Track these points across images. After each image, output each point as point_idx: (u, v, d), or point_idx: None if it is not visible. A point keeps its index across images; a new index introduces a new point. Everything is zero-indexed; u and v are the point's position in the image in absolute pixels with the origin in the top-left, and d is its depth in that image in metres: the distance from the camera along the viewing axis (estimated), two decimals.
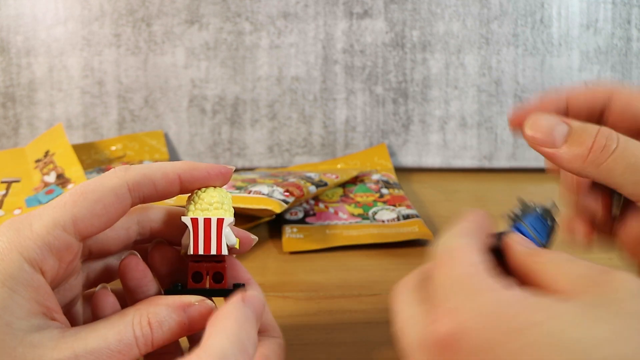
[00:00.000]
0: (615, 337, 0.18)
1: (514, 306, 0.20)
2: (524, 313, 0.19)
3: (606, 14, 0.68)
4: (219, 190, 0.29)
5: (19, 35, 0.67)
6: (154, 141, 0.67)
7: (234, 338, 0.22)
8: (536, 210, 0.29)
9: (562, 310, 0.19)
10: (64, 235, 0.22)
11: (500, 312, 0.19)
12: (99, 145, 0.67)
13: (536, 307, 0.19)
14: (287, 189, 0.48)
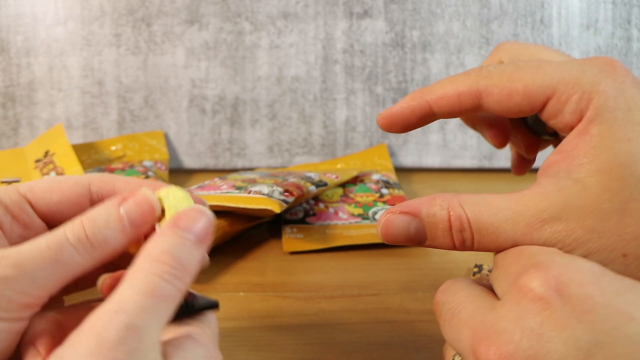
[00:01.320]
0: None
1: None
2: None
3: (606, 14, 0.68)
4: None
5: (18, 35, 0.67)
6: (153, 141, 0.67)
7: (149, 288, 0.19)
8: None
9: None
10: (14, 194, 0.24)
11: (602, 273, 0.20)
12: (99, 145, 0.67)
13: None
14: (287, 189, 0.48)
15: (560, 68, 0.24)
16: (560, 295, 0.19)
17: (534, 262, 0.20)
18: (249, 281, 0.42)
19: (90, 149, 0.66)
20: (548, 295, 0.19)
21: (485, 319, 0.20)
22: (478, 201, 0.24)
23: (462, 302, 0.22)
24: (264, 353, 0.33)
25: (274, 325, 0.36)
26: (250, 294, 0.40)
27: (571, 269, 0.19)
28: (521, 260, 0.21)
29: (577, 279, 0.19)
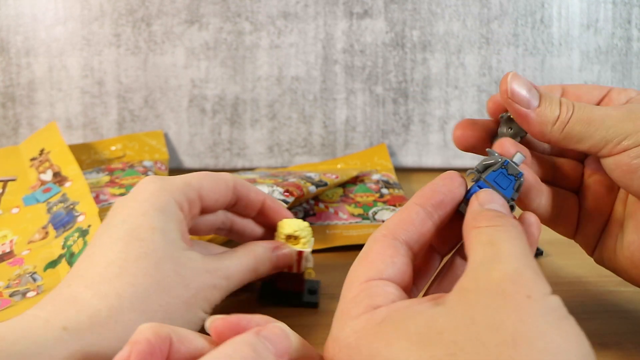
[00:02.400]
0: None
1: (365, 335, 0.22)
2: (365, 345, 0.21)
3: (606, 14, 0.68)
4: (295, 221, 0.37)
5: (18, 35, 0.67)
6: (153, 141, 0.67)
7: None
8: (500, 165, 0.28)
9: (399, 335, 0.21)
10: (193, 192, 0.30)
11: (354, 345, 0.22)
12: (99, 145, 0.67)
13: (377, 337, 0.21)
14: (287, 189, 0.48)
15: None
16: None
17: (329, 335, 0.25)
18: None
19: (89, 149, 0.66)
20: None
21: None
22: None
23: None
24: None
25: None
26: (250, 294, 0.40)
27: (336, 349, 0.23)
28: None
29: (339, 359, 0.23)
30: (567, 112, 0.28)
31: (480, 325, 0.19)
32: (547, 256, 0.46)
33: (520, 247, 0.22)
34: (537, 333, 0.18)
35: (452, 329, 0.20)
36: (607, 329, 0.35)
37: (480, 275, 0.21)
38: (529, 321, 0.19)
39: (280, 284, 0.38)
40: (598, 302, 0.38)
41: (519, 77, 0.29)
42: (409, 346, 0.20)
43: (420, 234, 0.26)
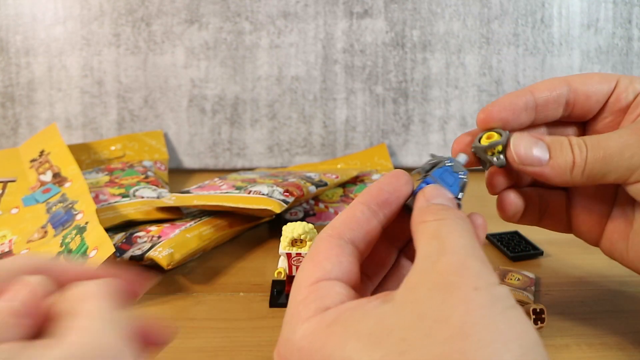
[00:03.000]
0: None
1: (315, 338, 0.21)
2: (316, 347, 0.21)
3: (607, 14, 0.68)
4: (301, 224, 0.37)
5: (18, 34, 0.67)
6: (153, 141, 0.67)
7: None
8: (445, 163, 0.28)
9: (348, 335, 0.20)
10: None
11: (307, 347, 0.21)
12: (99, 145, 0.67)
13: (324, 337, 0.21)
14: (287, 189, 0.48)
15: None
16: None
17: (280, 338, 0.24)
18: (249, 281, 0.42)
19: (89, 149, 0.66)
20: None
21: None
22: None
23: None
24: (264, 353, 0.33)
25: (274, 325, 0.36)
26: (250, 294, 0.40)
27: (288, 351, 0.22)
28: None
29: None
30: (581, 154, 0.27)
31: (428, 320, 0.19)
32: (547, 256, 0.45)
33: (466, 238, 0.22)
34: (485, 324, 0.19)
35: (401, 326, 0.20)
36: (607, 329, 0.35)
37: (426, 269, 0.21)
38: (477, 313, 0.19)
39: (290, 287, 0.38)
40: (598, 302, 0.38)
41: (521, 137, 0.28)
42: (361, 347, 0.20)
43: (365, 233, 0.25)
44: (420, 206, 0.25)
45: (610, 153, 0.27)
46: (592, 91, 0.31)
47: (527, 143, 0.28)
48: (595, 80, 0.31)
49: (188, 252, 0.43)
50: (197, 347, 0.34)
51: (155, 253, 0.42)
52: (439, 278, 0.20)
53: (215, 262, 0.45)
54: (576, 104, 0.31)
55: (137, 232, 0.46)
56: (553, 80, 0.31)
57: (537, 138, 0.28)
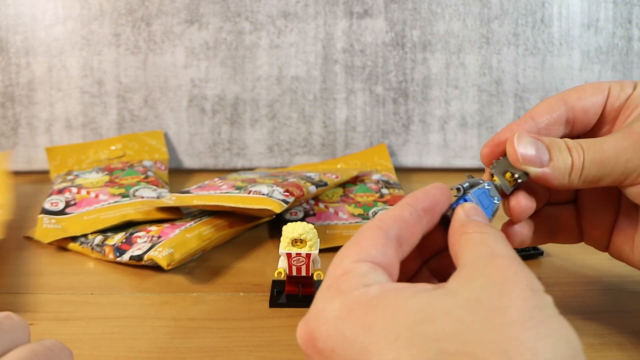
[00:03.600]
0: (454, 333, 0.19)
1: (361, 306, 0.21)
2: (368, 312, 0.20)
3: (607, 14, 0.68)
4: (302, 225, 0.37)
5: (18, 34, 0.67)
6: (153, 141, 0.67)
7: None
8: (484, 185, 0.29)
9: (409, 305, 0.20)
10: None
11: (346, 316, 0.21)
12: (99, 145, 0.67)
13: (384, 303, 0.21)
14: (287, 189, 0.48)
15: None
16: (316, 351, 0.22)
17: (313, 302, 0.23)
18: (249, 281, 0.42)
19: (89, 148, 0.66)
20: (309, 353, 0.22)
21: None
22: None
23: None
24: (265, 353, 0.33)
25: (274, 325, 0.36)
26: (250, 294, 0.40)
27: (321, 321, 0.22)
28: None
29: (324, 331, 0.21)
30: (579, 157, 0.28)
31: (486, 306, 0.20)
32: (547, 256, 0.45)
33: (512, 250, 0.23)
34: (541, 320, 0.19)
35: (459, 308, 0.20)
36: (607, 329, 0.35)
37: (481, 265, 0.22)
38: (534, 310, 0.20)
39: (291, 287, 0.38)
40: (598, 302, 0.38)
41: (523, 137, 0.28)
42: (413, 321, 0.20)
43: (411, 233, 0.26)
44: (462, 219, 0.26)
45: (606, 157, 0.28)
46: (589, 105, 0.31)
47: (529, 142, 0.28)
48: (589, 93, 0.31)
49: (188, 252, 0.43)
50: (197, 347, 0.34)
51: (155, 253, 0.42)
52: (495, 273, 0.21)
53: (215, 262, 0.45)
54: (576, 120, 0.31)
55: (137, 232, 0.46)
56: (550, 101, 0.31)
57: (536, 138, 0.28)
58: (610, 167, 0.27)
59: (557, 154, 0.28)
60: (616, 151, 0.28)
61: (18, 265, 0.45)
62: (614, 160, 0.27)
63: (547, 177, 0.28)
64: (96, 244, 0.46)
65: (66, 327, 0.36)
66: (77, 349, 0.33)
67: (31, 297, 0.40)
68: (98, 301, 0.39)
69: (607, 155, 0.28)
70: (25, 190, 0.64)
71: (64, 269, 0.45)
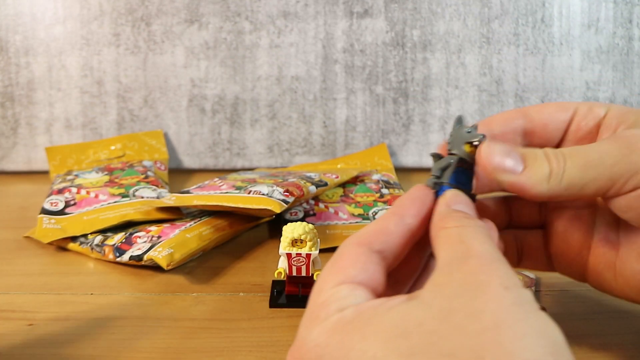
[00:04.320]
0: (423, 353, 0.19)
1: (336, 333, 0.21)
2: (343, 339, 0.21)
3: (607, 13, 0.68)
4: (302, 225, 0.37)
5: (17, 34, 0.67)
6: (153, 141, 0.67)
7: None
8: (452, 163, 0.27)
9: (380, 329, 0.20)
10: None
11: (325, 343, 0.21)
12: (98, 145, 0.67)
13: (354, 330, 0.21)
14: (287, 189, 0.47)
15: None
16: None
17: (296, 339, 0.23)
18: (249, 281, 0.42)
19: (89, 148, 0.66)
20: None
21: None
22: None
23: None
24: (264, 353, 0.33)
25: (274, 325, 0.36)
26: (250, 294, 0.40)
27: (303, 350, 0.22)
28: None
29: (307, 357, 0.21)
30: (559, 163, 0.25)
31: (459, 314, 0.19)
32: None
33: (488, 244, 0.22)
34: (517, 319, 0.19)
35: (431, 320, 0.19)
36: (607, 329, 0.35)
37: (454, 269, 0.21)
38: (509, 309, 0.19)
39: (291, 288, 0.38)
40: (598, 302, 0.38)
41: (493, 145, 0.26)
42: (387, 338, 0.19)
43: (396, 245, 0.25)
44: (441, 212, 0.25)
45: (591, 159, 0.25)
46: (549, 120, 0.30)
47: (499, 150, 0.26)
48: (551, 110, 0.30)
49: (188, 252, 0.43)
50: (196, 347, 0.34)
51: (155, 253, 0.41)
52: (468, 277, 0.21)
53: (215, 262, 0.45)
54: (535, 133, 0.30)
55: (137, 232, 0.46)
56: (510, 112, 0.30)
57: (510, 147, 0.27)
58: (595, 171, 0.25)
59: (532, 162, 0.26)
60: (602, 154, 0.25)
61: (18, 265, 0.45)
62: (599, 163, 0.25)
63: (521, 185, 0.26)
64: (96, 244, 0.46)
65: (66, 327, 0.36)
66: (77, 349, 0.33)
67: (31, 297, 0.40)
68: (98, 301, 0.39)
69: (591, 158, 0.25)
70: (25, 190, 0.64)
71: (64, 269, 0.45)
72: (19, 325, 0.36)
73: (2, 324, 0.36)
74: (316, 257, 0.37)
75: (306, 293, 0.38)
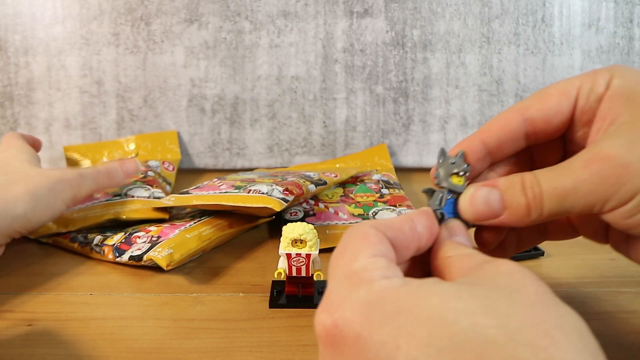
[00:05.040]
0: (483, 308, 0.19)
1: (389, 293, 0.21)
2: (398, 298, 0.20)
3: (608, 13, 0.68)
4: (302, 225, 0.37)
5: (17, 34, 0.67)
6: (167, 141, 0.68)
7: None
8: (445, 196, 0.29)
9: (438, 290, 0.20)
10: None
11: (375, 301, 0.20)
12: (113, 145, 0.67)
13: (412, 291, 0.20)
14: (287, 188, 0.47)
15: None
16: (339, 339, 0.21)
17: (328, 293, 0.22)
18: (249, 281, 0.42)
19: (104, 148, 0.66)
20: (330, 343, 0.21)
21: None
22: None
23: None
24: (264, 353, 0.33)
25: (274, 325, 0.36)
26: (250, 295, 0.40)
27: (346, 307, 0.21)
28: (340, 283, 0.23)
29: (349, 317, 0.21)
30: (535, 198, 0.26)
31: (507, 289, 0.20)
32: (547, 256, 0.45)
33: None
34: (554, 303, 0.20)
35: (485, 289, 0.20)
36: (607, 329, 0.35)
37: (482, 266, 0.22)
38: (547, 296, 0.20)
39: (290, 288, 0.38)
40: (598, 302, 0.38)
41: (469, 199, 0.28)
42: (449, 335, 0.19)
43: (406, 247, 0.26)
44: (445, 241, 0.26)
45: (565, 190, 0.26)
46: (551, 114, 0.28)
47: (478, 198, 0.28)
48: (553, 101, 0.28)
49: (188, 252, 0.43)
50: (196, 348, 0.34)
51: (155, 253, 0.41)
52: (499, 267, 0.22)
53: (215, 262, 0.45)
54: (537, 132, 0.29)
55: (137, 232, 0.46)
56: (507, 115, 0.29)
57: (490, 186, 0.27)
58: (571, 200, 0.26)
59: (511, 199, 0.27)
60: (574, 184, 0.25)
61: (18, 265, 0.45)
62: (573, 193, 0.25)
63: (505, 223, 0.27)
64: (95, 244, 0.46)
65: (66, 328, 0.36)
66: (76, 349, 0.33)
67: (31, 297, 0.40)
68: (97, 301, 0.39)
69: (565, 189, 0.26)
70: None
71: (64, 269, 0.45)
72: (18, 325, 0.36)
73: (2, 324, 0.36)
74: (316, 257, 0.37)
75: (306, 293, 0.38)
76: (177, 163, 0.66)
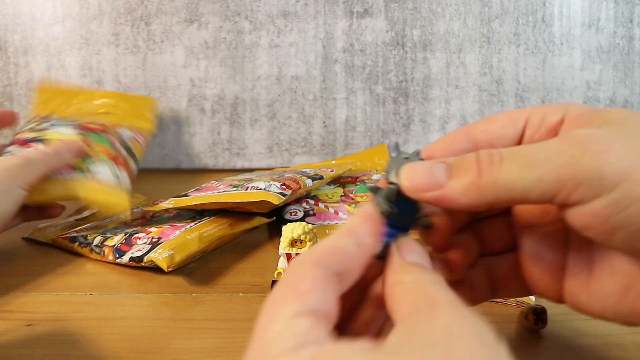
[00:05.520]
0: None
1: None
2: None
3: (608, 13, 0.68)
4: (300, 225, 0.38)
5: (16, 34, 0.67)
6: (144, 107, 0.62)
7: None
8: (394, 193, 0.25)
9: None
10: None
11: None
12: (88, 95, 0.61)
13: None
14: (284, 183, 0.48)
15: None
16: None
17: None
18: (249, 282, 0.42)
19: (79, 95, 0.61)
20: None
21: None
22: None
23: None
24: None
25: None
26: (250, 295, 0.40)
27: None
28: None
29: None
30: (492, 165, 0.23)
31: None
32: None
33: (452, 295, 0.21)
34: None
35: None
36: (607, 329, 0.35)
37: (421, 320, 0.20)
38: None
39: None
40: None
41: (412, 165, 0.24)
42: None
43: (353, 267, 0.23)
44: (396, 264, 0.23)
45: (536, 158, 0.22)
46: (496, 137, 0.26)
47: (419, 168, 0.24)
48: (498, 126, 0.27)
49: (188, 253, 0.43)
50: (196, 348, 0.34)
51: (156, 255, 0.41)
52: (438, 330, 0.19)
53: (215, 262, 0.45)
54: None
55: (137, 233, 0.46)
56: (454, 136, 0.27)
57: (433, 162, 0.24)
58: (541, 170, 0.22)
59: (457, 170, 0.23)
60: (549, 152, 0.22)
61: (18, 265, 0.45)
62: (545, 162, 0.22)
63: (447, 197, 0.23)
64: (95, 244, 0.46)
65: (66, 328, 0.36)
66: (76, 349, 0.33)
67: (31, 297, 0.39)
68: (97, 302, 0.39)
69: (536, 157, 0.22)
70: None
71: (64, 269, 0.45)
72: (18, 325, 0.36)
73: (2, 324, 0.36)
74: None
75: None
76: (149, 135, 0.60)
